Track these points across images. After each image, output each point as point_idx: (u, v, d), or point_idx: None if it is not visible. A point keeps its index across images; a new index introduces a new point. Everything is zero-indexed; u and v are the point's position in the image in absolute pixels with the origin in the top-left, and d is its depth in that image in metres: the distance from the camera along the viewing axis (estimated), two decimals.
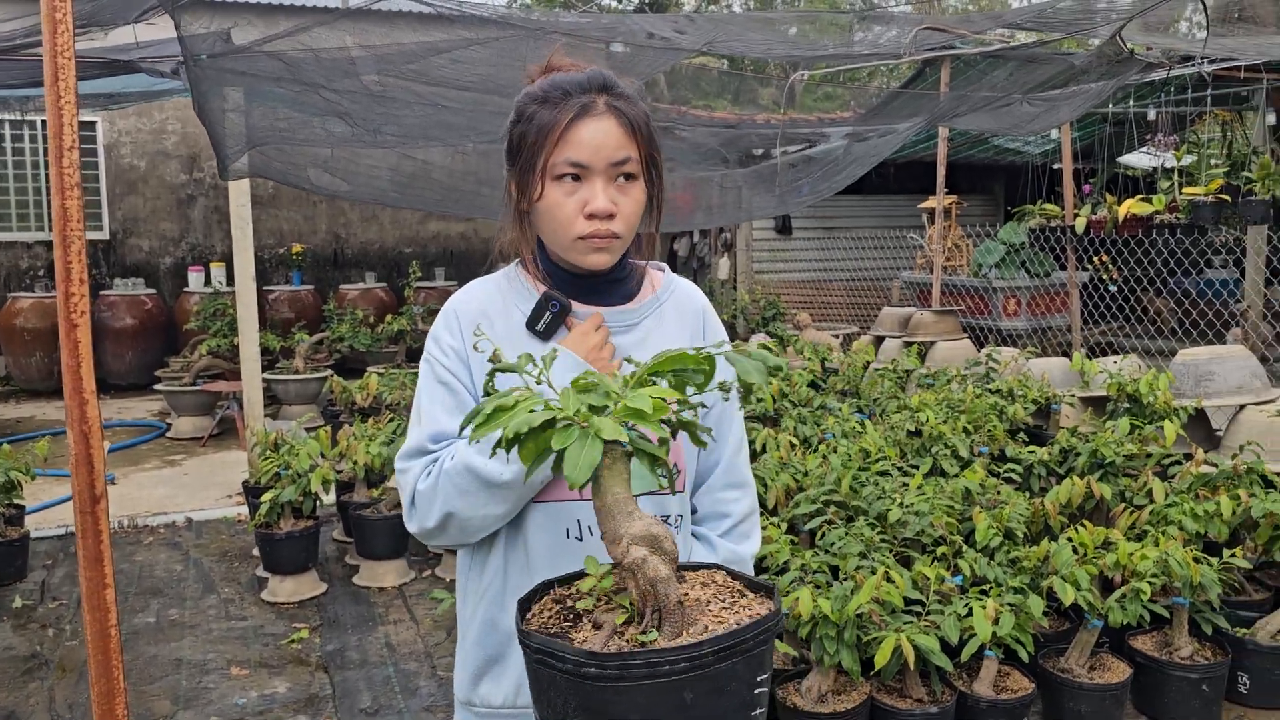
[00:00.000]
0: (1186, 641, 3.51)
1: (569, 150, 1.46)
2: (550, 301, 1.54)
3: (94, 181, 11.22)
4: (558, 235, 1.52)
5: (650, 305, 1.63)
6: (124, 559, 5.35)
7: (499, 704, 1.57)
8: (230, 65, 3.21)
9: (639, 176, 1.51)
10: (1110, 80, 4.70)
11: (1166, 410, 4.89)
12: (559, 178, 1.48)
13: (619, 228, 1.50)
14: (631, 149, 1.48)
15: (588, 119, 1.46)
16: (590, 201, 1.47)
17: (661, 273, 1.69)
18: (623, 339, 1.58)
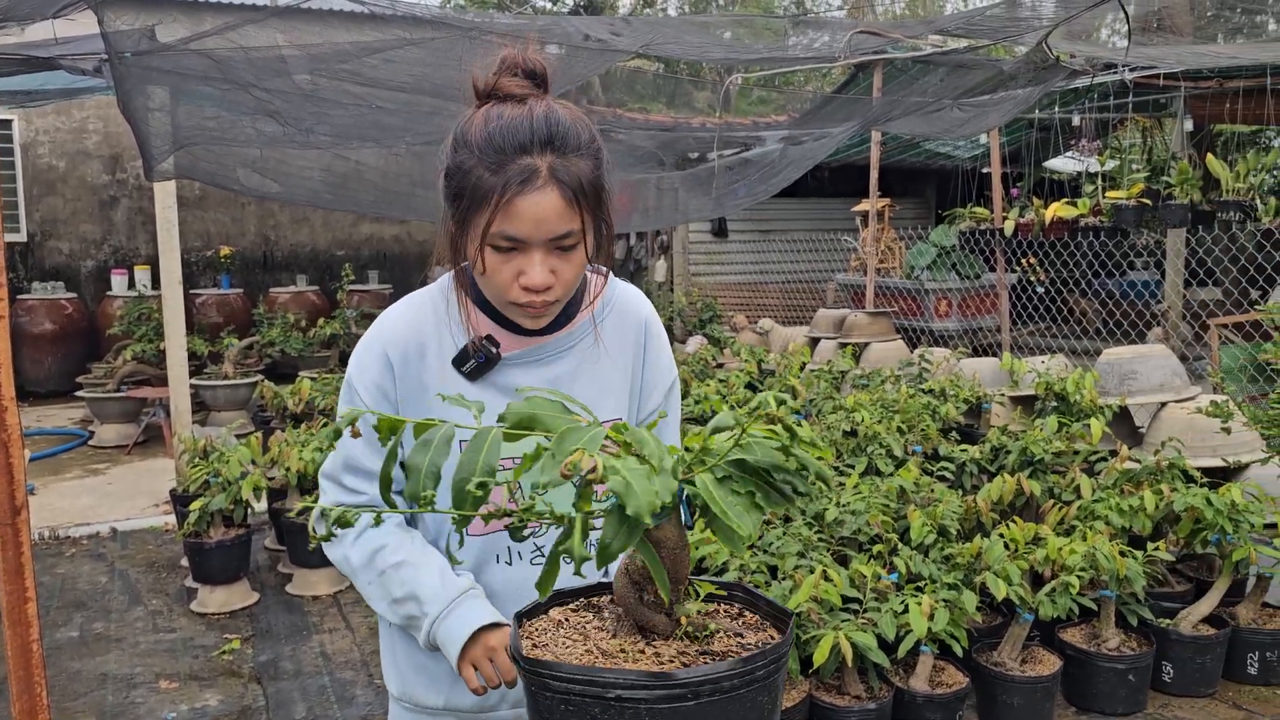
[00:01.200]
0: (1114, 633, 3.60)
1: (506, 224, 1.36)
2: (477, 353, 1.49)
3: (10, 182, 10.85)
4: (492, 294, 1.48)
5: (584, 330, 1.57)
6: (45, 571, 5.18)
7: (434, 705, 1.57)
8: (156, 63, 3.12)
9: (580, 244, 1.42)
10: (1037, 86, 4.82)
11: (1092, 408, 5.02)
12: (495, 246, 1.39)
13: (555, 295, 1.44)
14: (574, 221, 1.38)
15: (527, 193, 1.34)
16: (526, 274, 1.40)
17: (606, 279, 1.61)
18: (558, 368, 1.54)
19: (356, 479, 1.52)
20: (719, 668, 1.00)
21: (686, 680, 0.98)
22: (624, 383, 1.60)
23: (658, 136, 7.13)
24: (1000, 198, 7.45)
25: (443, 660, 1.53)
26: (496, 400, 1.49)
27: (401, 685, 1.61)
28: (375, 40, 3.43)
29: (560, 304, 1.49)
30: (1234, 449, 4.68)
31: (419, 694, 1.59)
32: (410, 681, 1.59)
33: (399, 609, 1.50)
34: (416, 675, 1.58)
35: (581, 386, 1.54)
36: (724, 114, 13.59)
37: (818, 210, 12.31)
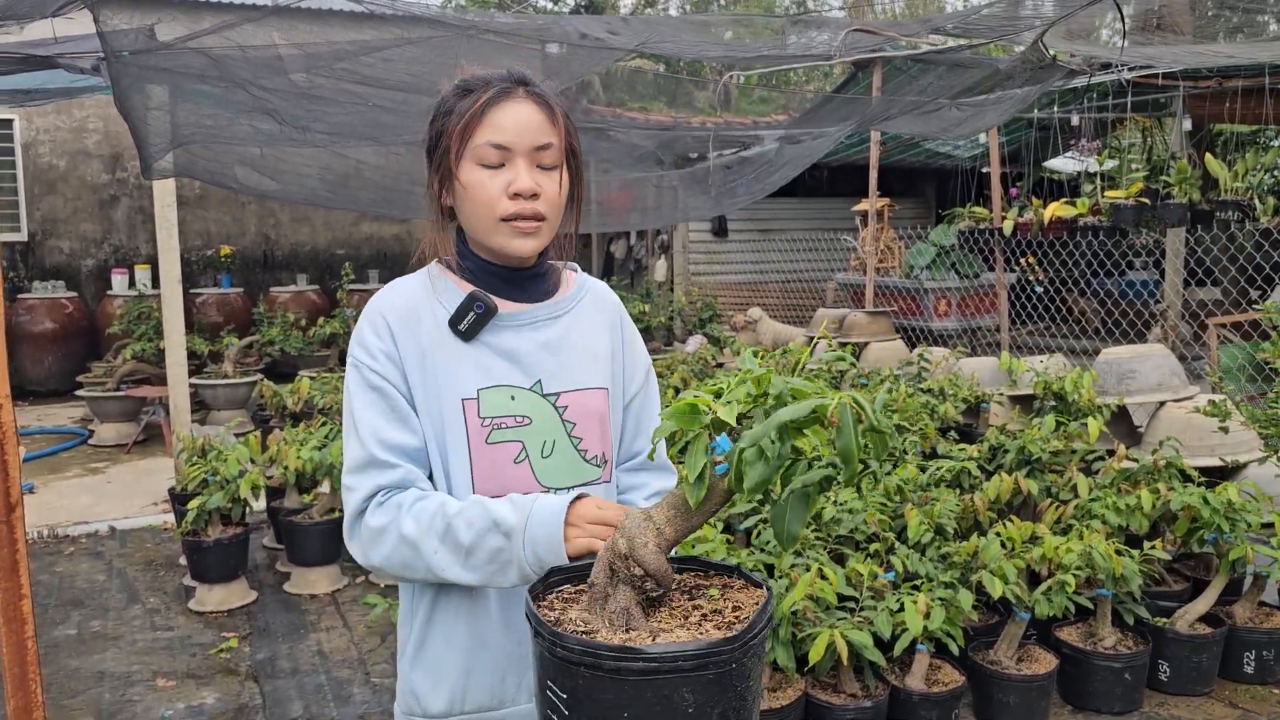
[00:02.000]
0: (1110, 632, 3.60)
1: (490, 132, 1.46)
2: (476, 303, 1.52)
3: (10, 181, 10.86)
4: (481, 219, 1.50)
5: (569, 301, 1.63)
6: (43, 570, 5.18)
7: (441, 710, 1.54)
8: (154, 62, 3.12)
9: (560, 166, 1.51)
10: (1035, 86, 4.81)
11: (1090, 408, 5.02)
12: (481, 161, 1.47)
13: (544, 208, 1.49)
14: (553, 135, 1.49)
15: (508, 101, 1.47)
16: (515, 181, 1.47)
17: (575, 273, 1.70)
18: (549, 332, 1.58)
19: (390, 453, 1.47)
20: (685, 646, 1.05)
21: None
22: (607, 357, 1.64)
23: (657, 136, 7.13)
24: (999, 197, 7.45)
25: (459, 654, 1.52)
26: (493, 360, 1.52)
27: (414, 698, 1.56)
28: (373, 39, 3.44)
29: (550, 230, 1.53)
30: (1232, 448, 4.68)
31: (431, 702, 1.54)
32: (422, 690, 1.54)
33: (478, 552, 1.40)
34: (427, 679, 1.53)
35: (570, 352, 1.58)
36: (724, 113, 13.59)
37: (817, 210, 12.32)
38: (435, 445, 1.51)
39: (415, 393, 1.50)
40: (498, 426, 1.50)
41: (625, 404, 1.67)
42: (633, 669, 1.05)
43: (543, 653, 1.12)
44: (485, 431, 1.49)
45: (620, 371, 1.67)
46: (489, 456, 1.50)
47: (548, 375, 1.55)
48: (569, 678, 1.09)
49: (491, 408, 1.50)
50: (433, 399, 1.50)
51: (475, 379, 1.51)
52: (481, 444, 1.49)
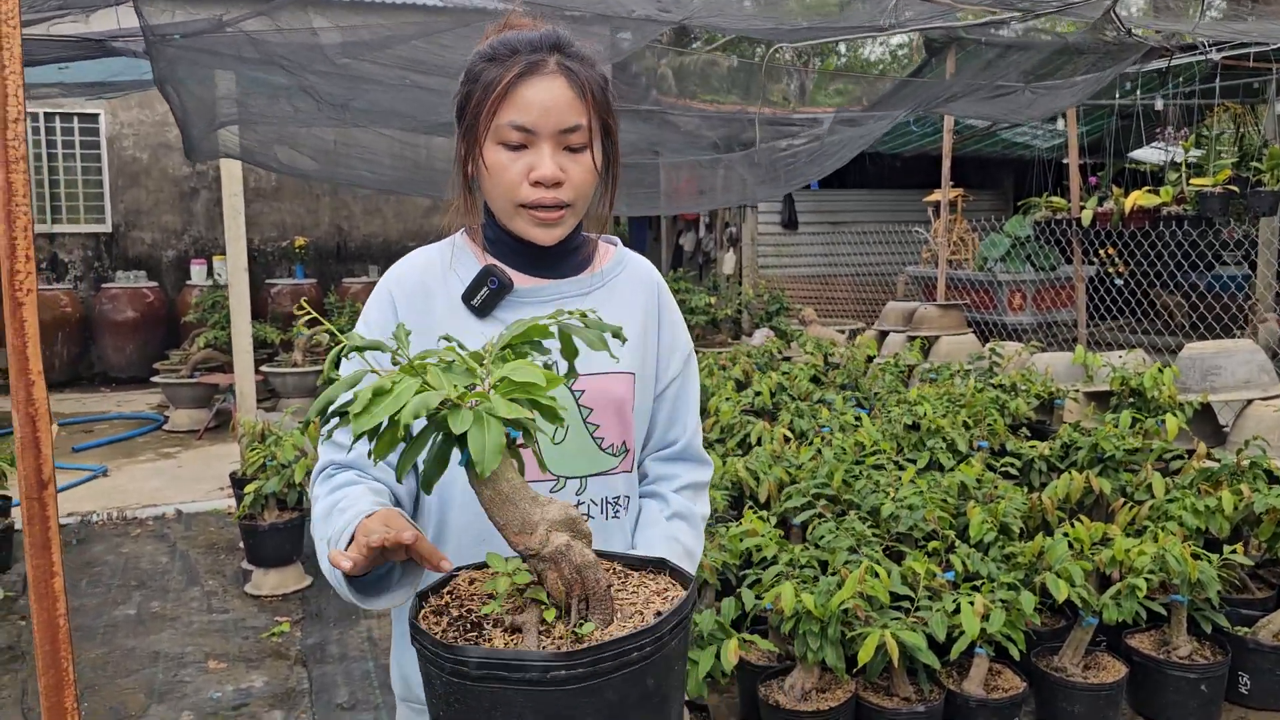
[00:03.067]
0: (1185, 640, 3.40)
1: (514, 112, 1.36)
2: (489, 278, 1.44)
3: (96, 174, 11.18)
4: (502, 202, 1.43)
5: (600, 278, 1.54)
6: (110, 551, 5.29)
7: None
8: (197, 45, 3.13)
9: (591, 144, 1.41)
10: (1111, 67, 4.57)
11: (1171, 405, 4.79)
12: (504, 141, 1.38)
13: (568, 196, 1.40)
14: (582, 115, 1.38)
15: (535, 78, 1.36)
16: (537, 167, 1.38)
17: (614, 247, 1.60)
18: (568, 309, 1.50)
19: (345, 434, 1.41)
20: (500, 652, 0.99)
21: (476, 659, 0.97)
22: (638, 338, 1.53)
23: (723, 124, 7.03)
24: (1078, 186, 7.17)
25: None
26: None
27: (405, 684, 1.52)
28: (420, 21, 3.39)
29: (575, 215, 1.45)
30: None
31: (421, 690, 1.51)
32: (414, 678, 1.51)
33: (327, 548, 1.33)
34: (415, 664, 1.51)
35: None
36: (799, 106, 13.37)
37: (889, 201, 12.06)
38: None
39: None
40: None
41: (660, 390, 1.58)
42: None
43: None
44: None
45: (654, 355, 1.57)
46: None
47: None
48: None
49: None
50: None
51: None
52: None
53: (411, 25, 3.30)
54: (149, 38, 3.12)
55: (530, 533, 1.07)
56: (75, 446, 7.67)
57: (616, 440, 1.50)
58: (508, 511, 1.06)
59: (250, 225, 10.97)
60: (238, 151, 3.78)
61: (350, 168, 4.15)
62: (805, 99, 18.56)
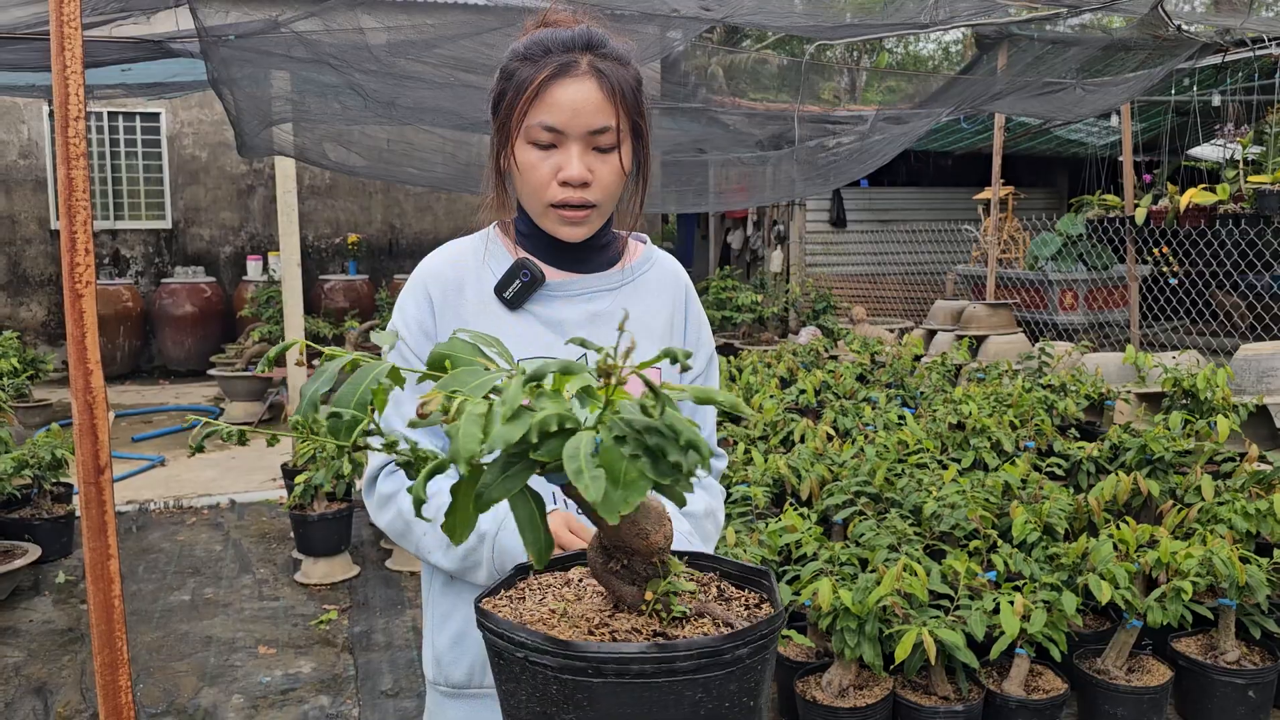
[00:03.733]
0: (1233, 645, 3.35)
1: (544, 112, 1.39)
2: (522, 270, 1.48)
3: (158, 172, 11.46)
4: (531, 200, 1.47)
5: (629, 274, 1.57)
6: (166, 539, 5.43)
7: (460, 681, 1.53)
8: (250, 45, 3.21)
9: (621, 145, 1.43)
10: (1162, 63, 4.49)
11: (1224, 406, 4.70)
12: (534, 141, 1.41)
13: (595, 196, 1.43)
14: (611, 117, 1.40)
15: (566, 79, 1.39)
16: (564, 168, 1.41)
17: (643, 244, 1.63)
18: (600, 304, 1.53)
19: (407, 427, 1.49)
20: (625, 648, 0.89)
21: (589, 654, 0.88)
22: (664, 335, 1.56)
23: (769, 124, 7.02)
24: (1132, 184, 7.05)
25: (476, 633, 1.50)
26: (538, 331, 1.49)
27: (437, 666, 1.57)
28: (468, 20, 3.45)
29: (602, 214, 1.48)
30: None
31: (452, 671, 1.54)
32: (445, 659, 1.55)
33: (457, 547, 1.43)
34: (451, 650, 1.54)
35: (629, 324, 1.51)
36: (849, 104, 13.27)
37: (940, 200, 11.93)
38: None
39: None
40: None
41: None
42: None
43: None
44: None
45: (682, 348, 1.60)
46: None
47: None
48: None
49: None
50: None
51: (517, 349, 1.46)
52: None
53: (457, 25, 3.35)
54: (204, 38, 3.21)
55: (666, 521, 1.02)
56: (134, 437, 7.88)
57: None
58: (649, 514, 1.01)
59: (304, 222, 11.18)
60: (290, 149, 3.87)
61: (399, 165, 4.22)
62: (857, 96, 18.47)
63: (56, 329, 11.15)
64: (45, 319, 11.28)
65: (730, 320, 9.91)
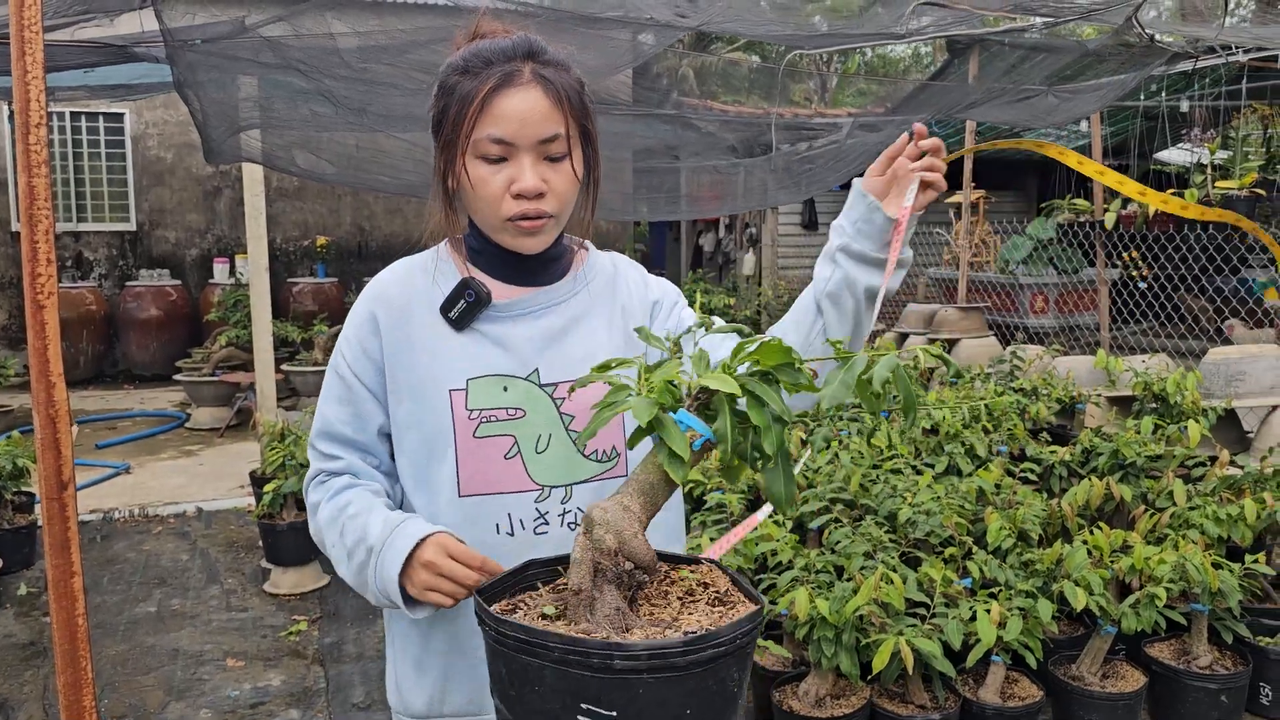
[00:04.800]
0: (1206, 650, 3.37)
1: (491, 125, 1.35)
2: (466, 290, 1.44)
3: (121, 173, 11.29)
4: (485, 216, 1.43)
5: (578, 282, 1.53)
6: (132, 548, 5.34)
7: (420, 710, 1.49)
8: (217, 49, 3.15)
9: (571, 152, 1.40)
10: (1134, 71, 4.53)
11: (1194, 410, 4.74)
12: (483, 155, 1.37)
13: (550, 207, 1.40)
14: (560, 124, 1.37)
15: (510, 89, 1.35)
16: (517, 179, 1.37)
17: (587, 250, 1.59)
18: (548, 319, 1.48)
19: (333, 445, 1.49)
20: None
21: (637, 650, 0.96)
22: (618, 342, 1.52)
23: (744, 127, 7.01)
24: (1101, 188, 7.11)
25: (437, 657, 1.46)
26: (484, 349, 1.44)
27: (398, 693, 1.53)
28: (436, 25, 3.40)
29: (557, 224, 1.45)
30: None
31: (412, 700, 1.49)
32: (405, 686, 1.50)
33: (353, 558, 1.39)
34: (411, 675, 1.49)
35: (572, 340, 1.48)
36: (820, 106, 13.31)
37: None
38: (421, 439, 1.44)
39: (399, 385, 1.45)
40: (487, 419, 1.41)
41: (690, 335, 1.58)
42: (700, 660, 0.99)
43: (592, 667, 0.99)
44: (473, 424, 1.41)
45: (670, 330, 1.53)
46: (477, 451, 1.41)
47: (545, 365, 1.45)
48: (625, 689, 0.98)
49: (480, 399, 1.42)
50: (420, 390, 1.43)
51: (464, 368, 1.43)
52: (469, 437, 1.41)
53: (429, 30, 3.31)
54: (169, 42, 3.15)
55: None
56: (99, 443, 7.75)
57: (603, 446, 1.47)
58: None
59: (272, 224, 11.04)
60: (258, 156, 3.80)
61: (370, 172, 4.17)
62: (827, 99, 18.48)
63: (18, 332, 10.95)
64: (6, 322, 11.08)
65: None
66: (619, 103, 5.08)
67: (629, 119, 5.64)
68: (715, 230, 12.96)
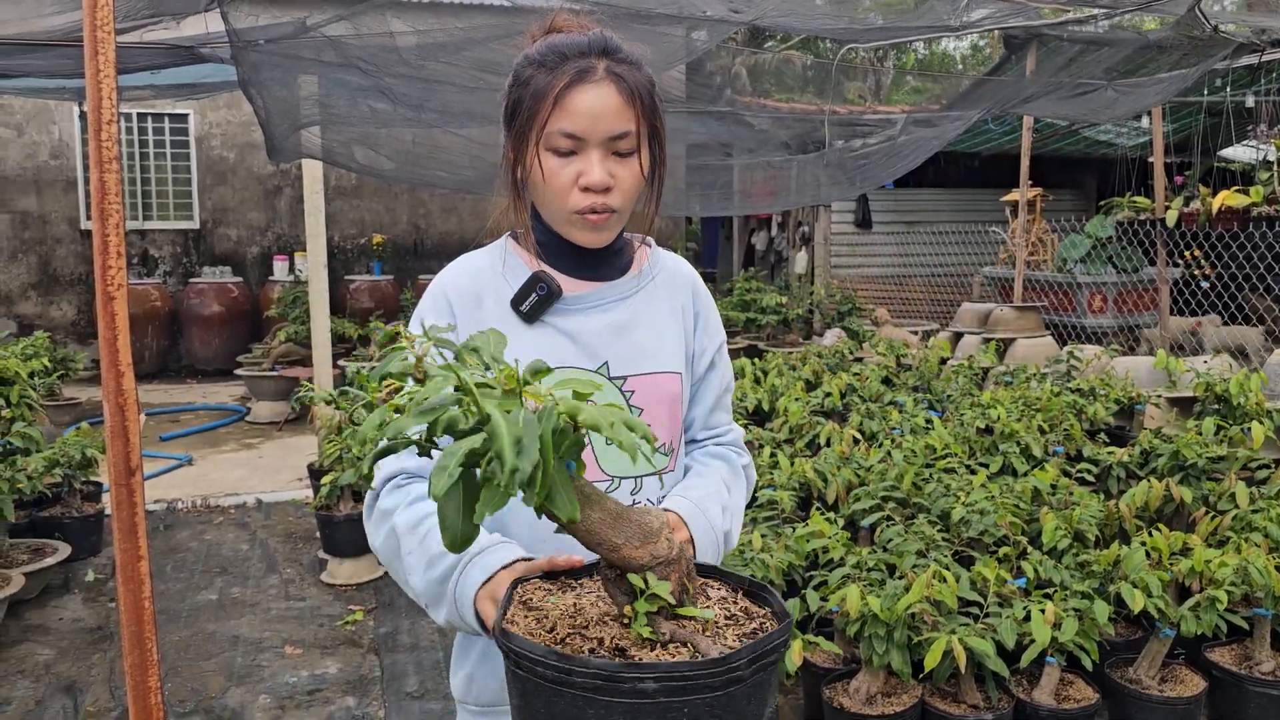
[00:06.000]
0: (1269, 655, 3.30)
1: (564, 120, 1.38)
2: (539, 284, 1.47)
3: (186, 173, 11.55)
4: (552, 208, 1.46)
5: (642, 279, 1.57)
6: (194, 537, 5.47)
7: (490, 700, 1.51)
8: (280, 49, 3.23)
9: (640, 149, 1.43)
10: (1198, 64, 4.43)
11: (1258, 412, 4.63)
12: (553, 148, 1.40)
13: (616, 202, 1.42)
14: (630, 121, 1.40)
15: (584, 85, 1.38)
16: (586, 173, 1.40)
17: (649, 247, 1.62)
18: (616, 314, 1.52)
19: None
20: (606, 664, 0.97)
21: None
22: (679, 338, 1.57)
23: (795, 126, 6.99)
24: (1163, 186, 6.97)
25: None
26: (556, 342, 1.47)
27: (468, 684, 1.53)
28: (496, 23, 3.45)
29: (621, 219, 1.47)
30: None
31: (484, 690, 1.50)
32: (478, 675, 1.51)
33: (433, 571, 1.37)
34: (481, 665, 1.50)
35: (640, 334, 1.52)
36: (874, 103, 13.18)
37: (966, 201, 11.84)
38: None
39: None
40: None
41: (695, 382, 1.62)
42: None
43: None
44: None
45: (694, 351, 1.61)
46: None
47: (615, 358, 1.49)
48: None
49: None
50: None
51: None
52: None
53: (487, 28, 3.35)
54: (234, 42, 3.23)
55: (656, 540, 1.06)
56: (162, 436, 7.94)
57: (665, 440, 1.52)
58: (625, 528, 1.04)
59: (330, 223, 11.21)
60: (319, 152, 3.88)
61: (427, 169, 4.23)
62: (882, 97, 18.27)
63: (86, 328, 11.26)
64: (75, 318, 11.39)
65: (755, 322, 9.88)
66: (672, 99, 5.10)
67: (682, 116, 5.65)
68: (768, 229, 12.90)
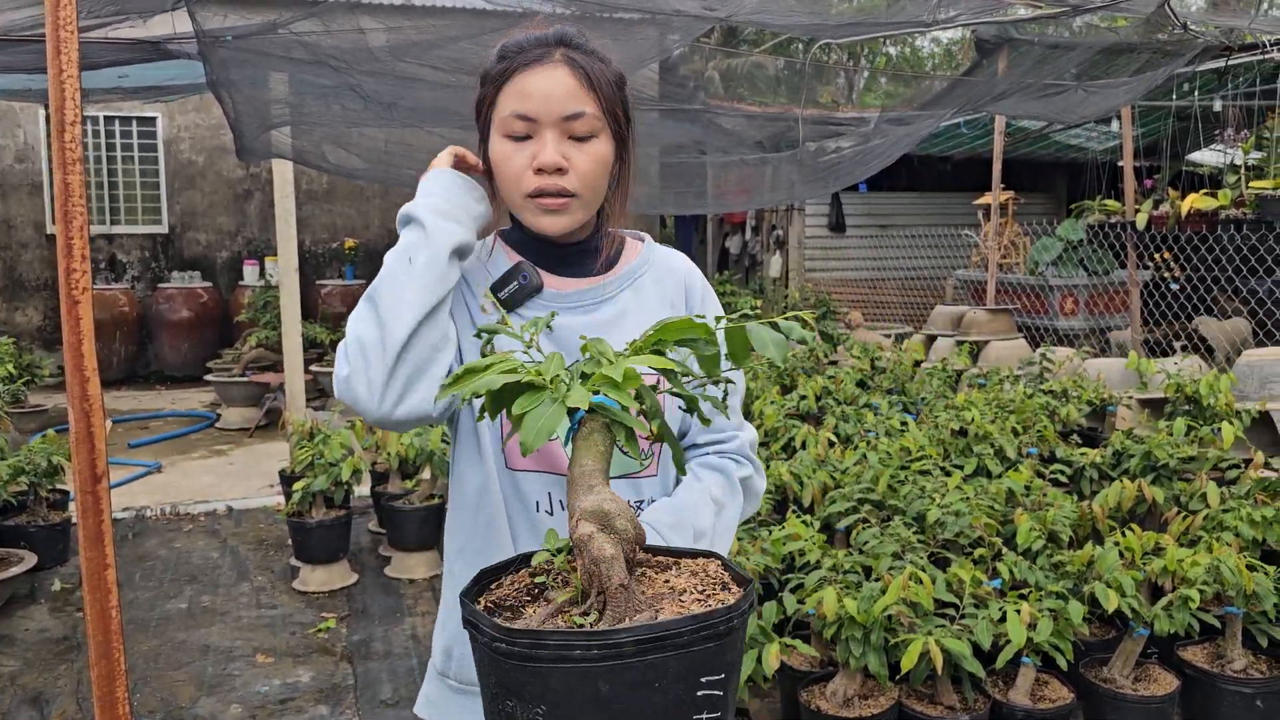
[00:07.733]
0: (1240, 654, 3.32)
1: (516, 101, 1.38)
2: (520, 273, 1.46)
3: (154, 176, 11.42)
4: (508, 194, 1.44)
5: (626, 278, 1.53)
6: (163, 545, 5.39)
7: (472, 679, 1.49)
8: (249, 46, 3.19)
9: (598, 135, 1.41)
10: (1165, 65, 4.47)
11: (1227, 413, 4.68)
12: (509, 133, 1.40)
13: (572, 185, 1.40)
14: (586, 103, 1.39)
15: (538, 67, 1.39)
16: (539, 155, 1.38)
17: (641, 242, 1.60)
18: (598, 314, 1.49)
19: None
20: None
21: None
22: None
23: (767, 126, 7.00)
24: (1133, 189, 7.04)
25: None
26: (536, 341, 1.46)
27: (447, 657, 1.52)
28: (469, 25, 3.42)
29: (584, 206, 1.44)
30: None
31: (464, 666, 1.49)
32: (457, 651, 1.50)
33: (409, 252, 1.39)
34: (459, 639, 1.49)
35: (624, 333, 1.48)
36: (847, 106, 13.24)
37: (939, 204, 11.93)
38: (472, 407, 1.47)
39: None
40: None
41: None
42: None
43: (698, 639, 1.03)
44: None
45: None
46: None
47: None
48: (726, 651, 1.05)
49: None
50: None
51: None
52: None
53: (459, 26, 3.33)
54: (202, 40, 3.18)
55: (570, 517, 1.09)
56: (131, 443, 7.84)
57: (644, 444, 1.49)
58: (570, 495, 1.12)
59: (302, 227, 11.13)
60: (289, 152, 3.84)
61: (400, 168, 4.19)
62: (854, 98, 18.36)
63: (52, 334, 11.10)
64: (41, 324, 11.23)
65: None
66: (645, 98, 5.09)
67: (655, 116, 5.64)
68: (742, 232, 12.93)
